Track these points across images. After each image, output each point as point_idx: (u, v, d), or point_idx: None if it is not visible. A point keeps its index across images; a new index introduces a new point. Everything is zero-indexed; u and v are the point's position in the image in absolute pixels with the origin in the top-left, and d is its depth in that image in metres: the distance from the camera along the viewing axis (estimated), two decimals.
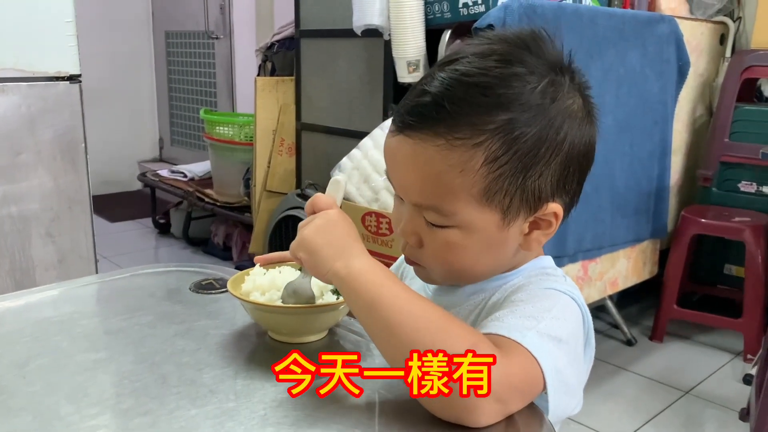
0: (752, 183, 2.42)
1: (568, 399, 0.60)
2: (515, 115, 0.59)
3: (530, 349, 0.56)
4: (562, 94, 0.62)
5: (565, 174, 0.63)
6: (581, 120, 0.64)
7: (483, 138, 0.59)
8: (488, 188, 0.60)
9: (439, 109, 0.60)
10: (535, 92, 0.60)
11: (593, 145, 0.66)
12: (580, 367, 0.63)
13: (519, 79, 0.60)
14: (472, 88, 0.60)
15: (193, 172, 3.46)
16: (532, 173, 0.61)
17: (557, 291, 0.64)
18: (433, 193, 0.61)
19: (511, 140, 0.59)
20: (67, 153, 1.74)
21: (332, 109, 2.37)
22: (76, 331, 0.70)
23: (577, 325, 0.63)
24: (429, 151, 0.60)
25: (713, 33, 2.54)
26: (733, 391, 2.06)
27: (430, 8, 1.92)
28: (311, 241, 0.61)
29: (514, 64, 0.61)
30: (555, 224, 0.65)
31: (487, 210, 0.61)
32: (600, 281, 2.16)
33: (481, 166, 0.59)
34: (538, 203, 0.63)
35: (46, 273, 1.77)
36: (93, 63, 3.36)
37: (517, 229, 0.64)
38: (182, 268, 0.88)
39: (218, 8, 3.83)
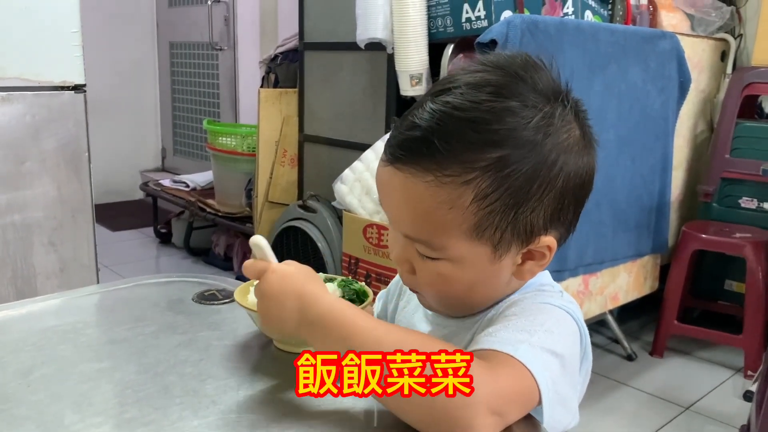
0: (753, 199, 2.43)
1: (563, 412, 0.59)
2: (507, 152, 0.58)
3: (523, 361, 0.55)
4: (557, 127, 0.60)
5: (559, 207, 0.62)
6: (578, 152, 0.62)
7: (473, 176, 0.58)
8: (478, 224, 0.59)
9: (429, 145, 0.58)
10: (528, 128, 0.59)
11: (591, 173, 0.65)
12: (575, 380, 0.63)
13: (512, 114, 0.59)
14: (463, 124, 0.58)
15: (195, 182, 3.47)
16: (523, 209, 0.60)
17: (552, 305, 0.63)
18: (423, 229, 0.61)
19: (502, 177, 0.58)
20: (71, 162, 1.75)
21: (335, 121, 2.38)
22: (80, 340, 0.70)
23: (573, 339, 0.63)
24: (419, 187, 0.59)
25: (714, 50, 2.55)
26: (733, 408, 2.05)
27: (434, 23, 1.93)
28: (268, 321, 0.61)
29: (507, 97, 0.59)
30: (548, 256, 0.64)
31: (478, 244, 0.61)
32: (600, 296, 2.16)
33: (470, 204, 0.58)
34: (530, 237, 0.62)
35: (47, 281, 1.78)
36: (98, 73, 3.38)
37: (510, 260, 0.63)
38: (185, 278, 0.88)
39: (222, 20, 3.86)
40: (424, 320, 0.74)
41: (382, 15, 1.95)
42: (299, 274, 0.60)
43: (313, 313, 0.57)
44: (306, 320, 0.57)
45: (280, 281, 0.59)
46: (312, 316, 0.57)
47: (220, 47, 3.91)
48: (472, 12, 1.84)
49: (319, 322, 0.57)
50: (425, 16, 1.93)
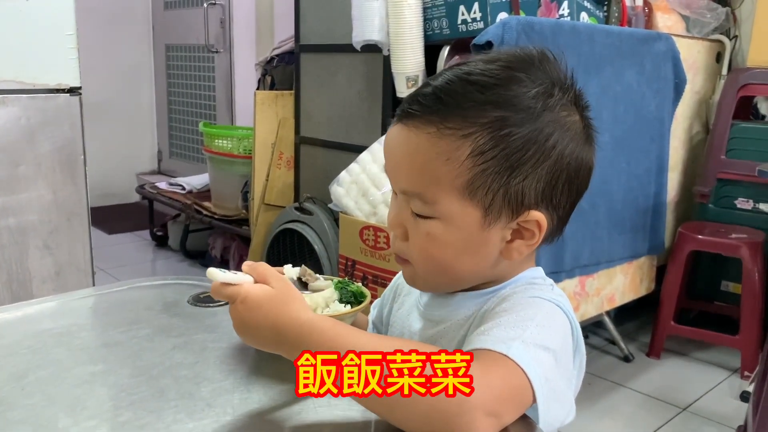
0: (749, 200, 2.43)
1: (558, 407, 0.59)
2: (507, 114, 0.61)
3: (516, 360, 0.55)
4: (558, 105, 0.63)
5: (552, 184, 0.63)
6: (576, 136, 0.64)
7: (472, 130, 0.61)
8: (472, 181, 0.61)
9: (436, 100, 0.62)
10: (530, 97, 0.62)
11: (589, 166, 0.66)
12: (569, 374, 0.63)
13: (517, 83, 0.62)
14: (471, 85, 0.62)
15: (191, 185, 3.46)
16: (516, 174, 0.61)
17: (541, 299, 0.64)
18: (419, 180, 0.63)
19: (500, 137, 0.61)
20: (66, 165, 1.75)
21: (331, 124, 2.38)
22: (74, 343, 0.70)
23: (564, 332, 0.63)
24: (420, 138, 0.62)
25: (710, 51, 2.56)
26: (730, 408, 2.05)
27: (429, 24, 1.93)
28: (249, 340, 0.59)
29: (516, 70, 0.63)
30: (538, 235, 0.64)
31: (469, 205, 0.62)
32: (597, 297, 2.16)
33: (466, 158, 0.61)
34: (520, 207, 0.63)
35: (43, 285, 1.77)
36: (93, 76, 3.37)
37: (499, 233, 0.64)
38: (180, 280, 0.88)
39: (218, 22, 3.86)
40: (418, 320, 0.73)
41: (378, 17, 1.95)
42: (270, 303, 0.57)
43: (291, 338, 0.56)
44: (286, 344, 0.56)
45: (251, 313, 0.57)
46: (291, 340, 0.56)
47: (216, 49, 3.90)
48: (468, 14, 1.84)
49: (299, 344, 0.55)
50: (421, 17, 1.93)
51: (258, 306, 0.57)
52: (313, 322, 0.56)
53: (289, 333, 0.55)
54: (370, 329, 0.84)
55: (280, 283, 0.59)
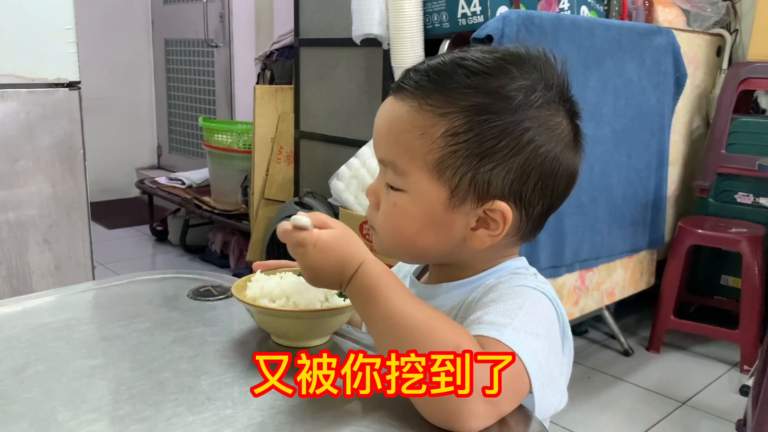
0: (749, 194, 2.43)
1: (552, 392, 0.60)
2: (487, 102, 0.62)
3: (510, 346, 0.56)
4: (542, 103, 0.63)
5: (523, 180, 0.63)
6: (557, 138, 0.64)
7: (451, 110, 0.62)
8: (441, 160, 0.62)
9: (425, 77, 0.64)
10: (514, 89, 0.62)
11: (570, 171, 0.67)
12: (560, 360, 0.64)
13: (505, 75, 0.63)
14: (461, 68, 0.63)
15: (191, 180, 3.46)
16: (486, 162, 0.62)
17: (526, 287, 0.64)
18: (394, 149, 0.65)
19: (476, 122, 0.62)
20: (66, 160, 1.74)
21: (331, 118, 2.38)
22: (74, 337, 0.69)
23: (551, 318, 0.64)
24: (402, 110, 0.64)
25: (710, 45, 2.55)
26: (729, 402, 2.05)
27: (429, 18, 1.93)
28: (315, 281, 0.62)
29: (508, 63, 0.64)
30: (502, 228, 0.64)
31: (437, 184, 0.63)
32: (597, 291, 2.16)
33: (440, 136, 0.62)
34: (485, 195, 0.63)
35: (42, 280, 1.77)
36: (92, 70, 3.37)
37: (463, 218, 0.65)
38: (180, 274, 0.87)
39: (218, 17, 3.85)
40: None
41: (378, 11, 1.95)
42: (336, 244, 0.60)
43: (351, 283, 0.60)
44: (346, 286, 0.60)
45: (322, 254, 0.60)
46: (355, 286, 0.60)
47: (215, 44, 3.90)
48: (468, 7, 1.84)
49: (356, 293, 0.59)
50: (421, 11, 1.93)
51: (329, 247, 0.60)
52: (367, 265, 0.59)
53: (349, 270, 0.59)
54: (365, 328, 0.84)
55: (341, 226, 0.62)
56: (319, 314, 0.65)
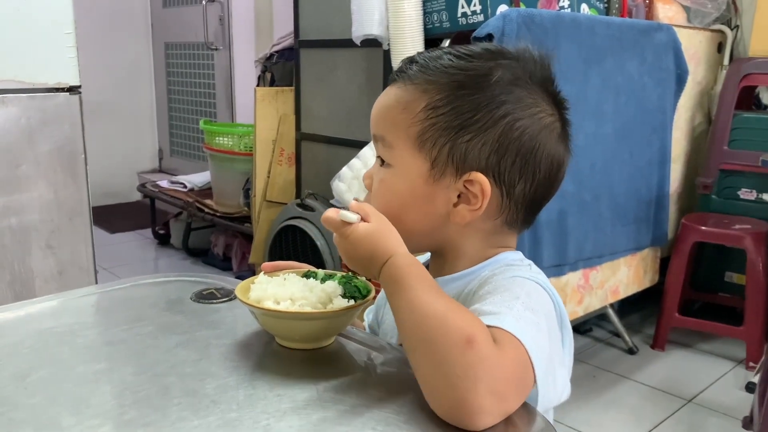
0: (752, 190, 2.42)
1: (553, 383, 0.60)
2: (466, 78, 0.66)
3: (515, 334, 0.56)
4: (521, 86, 0.67)
5: (501, 153, 0.66)
6: (537, 119, 0.67)
7: (431, 87, 0.67)
8: (422, 132, 0.67)
9: (416, 62, 0.70)
10: (494, 69, 0.66)
11: (552, 157, 0.69)
12: (559, 350, 0.65)
13: (491, 60, 0.68)
14: (449, 54, 0.69)
15: (192, 183, 3.46)
16: (463, 133, 0.66)
17: (521, 278, 0.65)
18: (382, 123, 0.70)
19: (454, 96, 0.66)
20: (67, 164, 1.74)
21: (332, 119, 2.37)
22: (77, 342, 0.69)
23: (548, 308, 0.64)
24: (393, 90, 0.70)
25: (711, 41, 2.55)
26: (735, 400, 2.05)
27: (429, 18, 1.92)
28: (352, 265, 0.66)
29: (494, 52, 0.69)
30: (481, 201, 0.66)
31: (419, 156, 0.67)
32: (601, 289, 2.15)
33: (421, 110, 0.67)
34: (463, 166, 0.66)
35: (45, 285, 1.77)
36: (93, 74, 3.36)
37: (444, 192, 0.67)
38: (183, 277, 0.87)
39: (217, 19, 3.85)
40: None
41: (378, 11, 1.94)
42: (368, 238, 0.63)
43: (381, 274, 0.63)
44: (378, 276, 0.64)
45: (354, 246, 0.64)
46: (383, 277, 0.63)
47: (215, 47, 3.90)
48: (468, 6, 1.83)
49: (385, 283, 0.62)
50: (421, 11, 1.92)
51: (360, 240, 0.63)
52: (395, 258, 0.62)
53: (378, 262, 0.63)
54: (369, 328, 0.85)
55: (379, 219, 0.65)
56: (323, 316, 0.65)
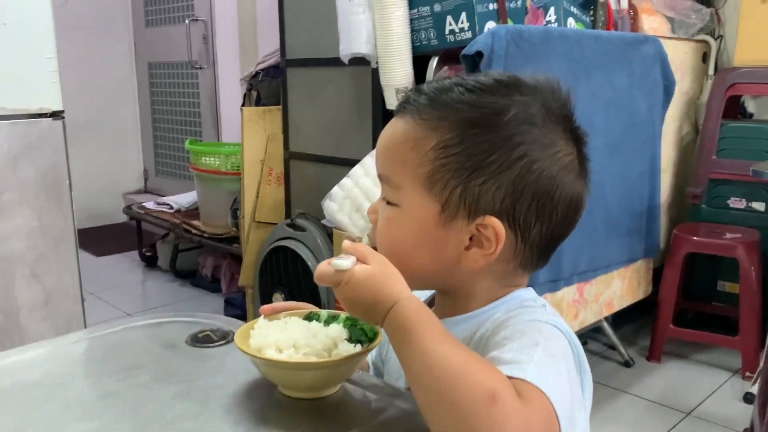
0: (741, 199, 2.43)
1: (574, 429, 0.57)
2: (479, 116, 0.62)
3: (540, 386, 0.53)
4: (538, 123, 0.63)
5: (515, 197, 0.62)
6: (554, 158, 0.63)
7: (442, 124, 0.63)
8: (432, 173, 0.63)
9: (423, 95, 0.65)
10: (508, 106, 0.62)
11: (570, 196, 0.65)
12: (579, 394, 0.62)
13: (502, 93, 0.63)
14: (458, 87, 0.64)
15: (179, 204, 3.41)
16: (476, 176, 0.62)
17: (539, 322, 0.62)
18: (388, 162, 0.66)
19: (466, 136, 0.62)
20: (51, 190, 1.71)
21: (321, 138, 2.35)
22: (68, 396, 0.66)
23: (567, 352, 0.61)
24: (399, 126, 0.66)
25: (696, 52, 2.56)
26: (734, 411, 2.04)
27: (417, 36, 1.91)
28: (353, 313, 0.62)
29: (508, 84, 0.65)
30: (495, 247, 0.63)
31: (428, 197, 0.63)
32: (596, 303, 2.14)
33: (430, 149, 0.63)
34: (476, 210, 0.62)
35: (31, 314, 1.73)
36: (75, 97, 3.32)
37: (456, 235, 0.63)
38: (176, 318, 0.84)
39: (201, 38, 3.82)
40: None
41: (365, 30, 1.93)
42: (368, 282, 0.60)
43: (382, 315, 0.59)
44: (382, 324, 0.60)
45: (354, 292, 0.60)
46: (389, 324, 0.59)
47: (199, 66, 3.86)
48: (456, 24, 1.82)
49: (392, 332, 0.59)
50: (408, 29, 1.91)
51: (360, 285, 0.59)
52: (402, 303, 0.58)
53: (382, 309, 0.59)
54: (372, 372, 0.81)
55: (378, 260, 0.61)
56: (329, 365, 0.62)
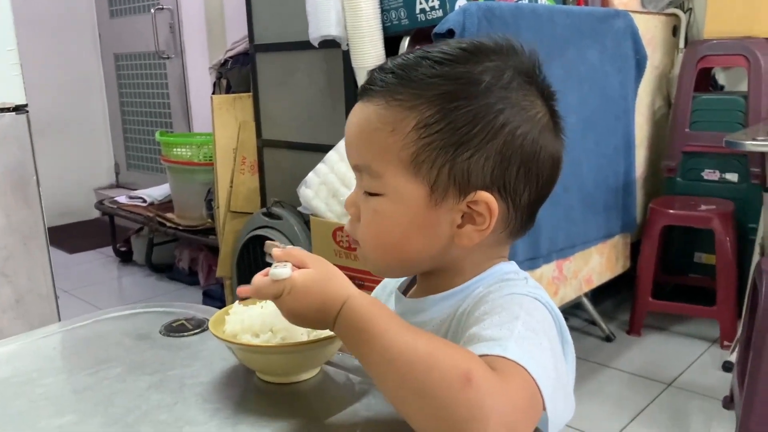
0: (715, 171, 2.45)
1: (563, 404, 0.57)
2: (456, 88, 0.60)
3: (519, 362, 0.52)
4: (514, 86, 0.61)
5: (504, 166, 0.60)
6: (533, 120, 0.62)
7: (419, 102, 0.60)
8: (417, 154, 0.60)
9: (390, 74, 0.62)
10: (482, 72, 0.60)
11: (553, 156, 0.64)
12: (563, 367, 0.60)
13: (472, 61, 0.61)
14: (426, 60, 0.61)
15: (152, 197, 3.36)
16: (463, 150, 0.59)
17: (519, 295, 0.61)
18: (367, 151, 0.62)
19: (446, 111, 0.59)
20: (18, 187, 1.66)
21: (294, 124, 2.32)
22: (38, 392, 0.63)
23: (548, 325, 0.60)
24: (370, 110, 0.62)
25: (666, 25, 2.56)
26: (714, 380, 2.06)
27: (387, 16, 1.88)
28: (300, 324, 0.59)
29: (474, 51, 0.62)
30: (489, 221, 0.61)
31: (415, 180, 0.60)
32: (575, 279, 2.15)
33: (411, 129, 0.60)
34: (467, 186, 0.60)
35: (3, 315, 1.69)
36: (40, 91, 3.24)
37: (447, 215, 0.61)
38: (149, 308, 0.81)
39: (167, 27, 3.74)
40: None
41: (334, 11, 1.89)
42: (314, 286, 0.57)
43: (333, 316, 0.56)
44: (330, 322, 0.57)
45: (299, 301, 0.57)
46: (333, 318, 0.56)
47: (167, 55, 3.79)
48: (426, 2, 1.79)
49: (346, 333, 0.56)
50: (378, 9, 1.88)
51: (303, 292, 0.56)
52: (352, 301, 0.56)
53: (331, 312, 0.56)
54: None
55: (318, 263, 0.58)
56: (307, 347, 0.60)
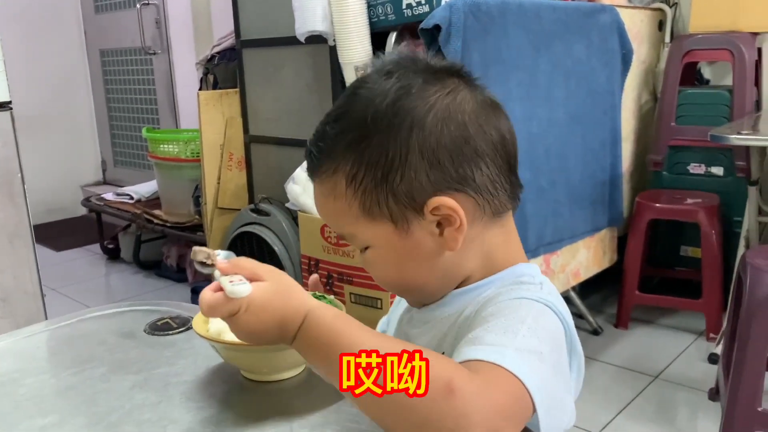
0: (701, 165, 2.47)
1: (559, 414, 0.56)
2: (357, 131, 0.61)
3: (512, 370, 0.52)
4: (407, 96, 0.61)
5: (436, 166, 0.60)
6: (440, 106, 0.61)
7: (337, 163, 0.62)
8: (362, 204, 0.62)
9: (310, 154, 0.64)
10: (373, 102, 0.61)
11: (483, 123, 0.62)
12: (566, 378, 0.60)
13: (360, 100, 0.62)
14: (328, 125, 0.63)
15: (139, 194, 3.34)
16: (392, 178, 0.61)
17: (529, 300, 0.60)
18: (334, 222, 0.65)
19: (359, 154, 0.61)
20: (3, 185, 1.65)
21: (281, 120, 2.31)
22: (20, 393, 0.63)
23: (557, 334, 0.59)
24: (317, 190, 0.65)
25: (652, 20, 2.58)
26: (699, 372, 2.08)
27: (374, 11, 1.88)
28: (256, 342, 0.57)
29: (361, 86, 0.64)
30: (459, 218, 0.61)
31: (377, 224, 0.62)
32: (563, 273, 2.16)
33: (346, 189, 0.62)
34: (416, 203, 0.61)
35: None
36: (25, 88, 3.21)
37: (423, 232, 0.62)
38: (134, 307, 0.81)
39: (153, 23, 3.71)
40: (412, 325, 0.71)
41: (321, 6, 1.89)
42: (275, 300, 0.55)
43: (293, 332, 0.55)
44: (290, 338, 0.55)
45: (258, 317, 0.55)
46: (304, 340, 0.55)
47: (153, 51, 3.76)
48: None
49: (308, 348, 0.54)
50: (364, 4, 1.87)
51: (263, 309, 0.55)
52: (314, 314, 0.55)
53: (292, 328, 0.55)
54: None
55: (273, 275, 0.57)
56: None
